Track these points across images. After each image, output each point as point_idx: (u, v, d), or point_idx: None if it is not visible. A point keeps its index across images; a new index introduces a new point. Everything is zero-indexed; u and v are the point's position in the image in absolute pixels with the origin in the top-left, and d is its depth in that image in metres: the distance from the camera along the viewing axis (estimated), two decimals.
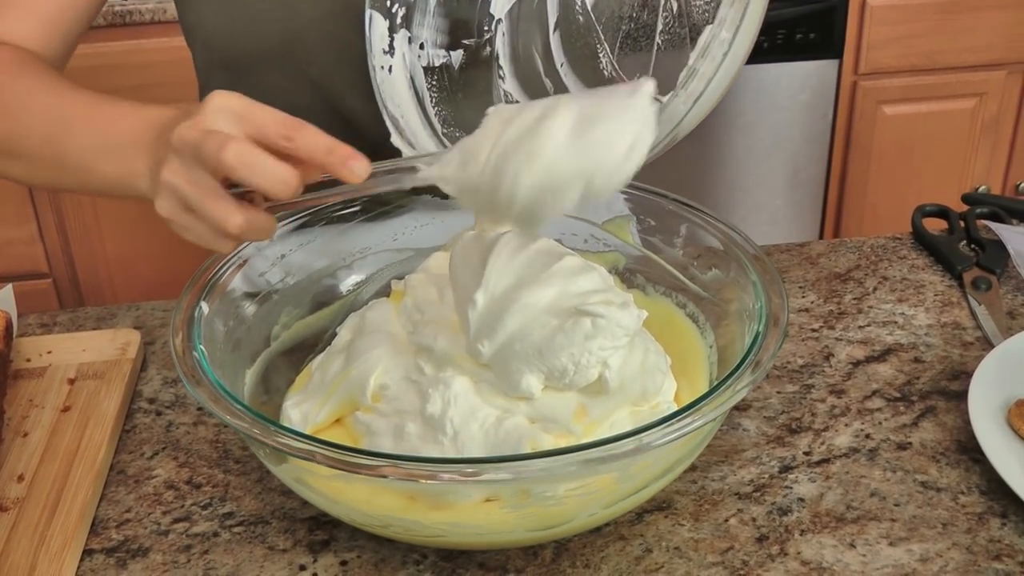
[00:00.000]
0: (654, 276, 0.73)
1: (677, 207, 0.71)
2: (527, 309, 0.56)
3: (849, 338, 0.79)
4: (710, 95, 0.56)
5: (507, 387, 0.58)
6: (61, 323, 0.85)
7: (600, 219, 0.75)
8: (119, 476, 0.69)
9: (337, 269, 0.75)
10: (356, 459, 0.49)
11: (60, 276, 2.03)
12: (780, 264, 0.89)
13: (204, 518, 0.65)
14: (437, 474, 0.48)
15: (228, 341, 0.65)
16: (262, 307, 0.69)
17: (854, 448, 0.68)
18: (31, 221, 1.96)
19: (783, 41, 1.95)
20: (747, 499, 0.64)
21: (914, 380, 0.74)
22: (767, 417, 0.71)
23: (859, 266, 0.88)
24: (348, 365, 0.62)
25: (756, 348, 0.56)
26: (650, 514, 0.63)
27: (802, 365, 0.77)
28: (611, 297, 0.57)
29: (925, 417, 0.71)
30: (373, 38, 0.67)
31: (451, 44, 0.70)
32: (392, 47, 0.68)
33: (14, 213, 1.94)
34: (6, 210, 1.93)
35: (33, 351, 0.78)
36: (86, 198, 1.95)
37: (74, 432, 0.70)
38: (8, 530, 0.62)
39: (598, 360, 0.57)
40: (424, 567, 0.60)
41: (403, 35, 0.68)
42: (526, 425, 0.56)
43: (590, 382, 0.58)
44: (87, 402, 0.72)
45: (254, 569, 0.61)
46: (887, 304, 0.83)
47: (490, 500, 0.54)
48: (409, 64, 0.68)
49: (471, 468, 0.48)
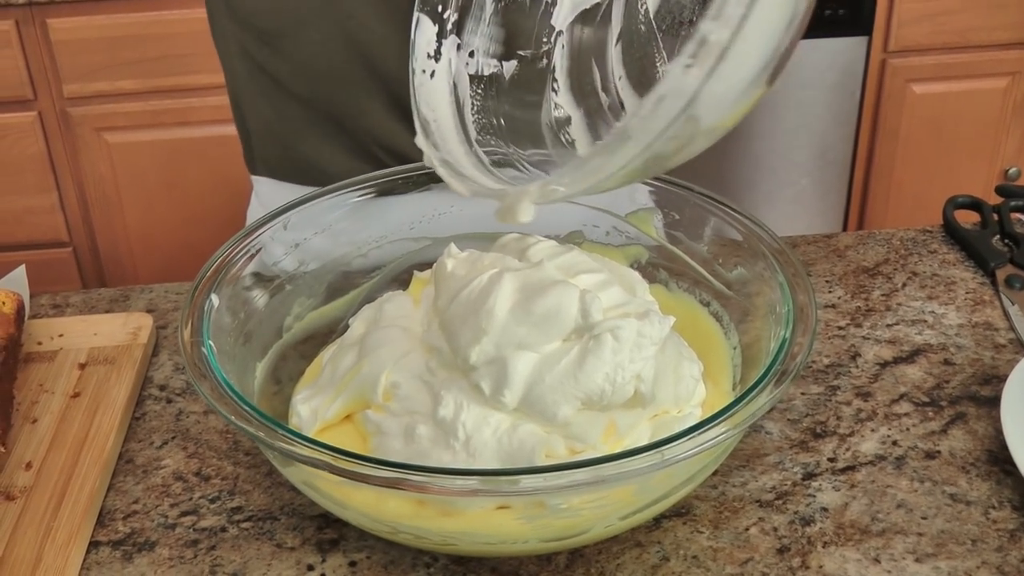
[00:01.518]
0: (677, 271, 0.71)
1: (703, 201, 0.68)
2: (538, 345, 0.55)
3: (877, 337, 0.77)
4: (732, 72, 0.45)
5: (542, 421, 0.55)
6: (74, 304, 0.84)
7: (623, 211, 0.73)
8: (127, 466, 0.67)
9: (352, 258, 0.73)
10: (365, 469, 0.47)
11: (80, 246, 2.03)
12: (806, 256, 0.87)
13: (212, 512, 0.64)
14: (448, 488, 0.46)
15: (239, 333, 0.63)
16: (274, 298, 0.68)
17: (880, 455, 0.66)
18: (52, 190, 1.95)
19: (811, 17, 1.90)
20: (769, 507, 0.63)
21: (943, 384, 0.72)
22: (791, 420, 0.69)
23: (888, 260, 0.86)
24: (360, 360, 0.61)
25: (783, 356, 0.54)
26: (668, 520, 0.62)
27: (828, 365, 0.74)
28: (629, 309, 0.55)
29: (955, 424, 0.69)
30: (419, 42, 0.64)
31: (505, 54, 0.67)
32: (438, 53, 0.65)
33: (35, 182, 1.93)
34: (27, 179, 1.92)
35: (44, 334, 0.77)
36: (108, 170, 1.94)
37: (83, 419, 0.69)
38: (15, 520, 0.61)
39: (632, 375, 0.55)
40: (435, 570, 0.59)
41: (452, 41, 0.65)
42: (540, 432, 0.55)
43: (627, 398, 0.56)
44: (97, 388, 0.71)
45: (261, 567, 0.60)
46: (916, 301, 0.81)
47: (502, 508, 0.52)
48: (454, 71, 0.65)
49: (482, 484, 0.46)
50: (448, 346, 0.57)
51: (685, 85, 0.44)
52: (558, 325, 0.55)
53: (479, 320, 0.55)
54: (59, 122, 1.90)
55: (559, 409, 0.54)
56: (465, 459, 0.54)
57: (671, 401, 0.58)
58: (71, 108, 1.88)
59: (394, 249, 0.74)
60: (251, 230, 0.67)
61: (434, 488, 0.47)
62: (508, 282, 0.56)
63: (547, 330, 0.55)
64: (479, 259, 0.61)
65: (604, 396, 0.54)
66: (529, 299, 0.55)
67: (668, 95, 0.44)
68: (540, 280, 0.57)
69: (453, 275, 0.60)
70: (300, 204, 0.70)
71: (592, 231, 0.74)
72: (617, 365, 0.54)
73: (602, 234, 0.74)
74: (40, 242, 1.98)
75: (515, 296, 0.56)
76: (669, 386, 0.57)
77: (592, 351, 0.54)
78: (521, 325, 0.55)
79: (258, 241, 0.67)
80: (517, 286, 0.56)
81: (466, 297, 0.57)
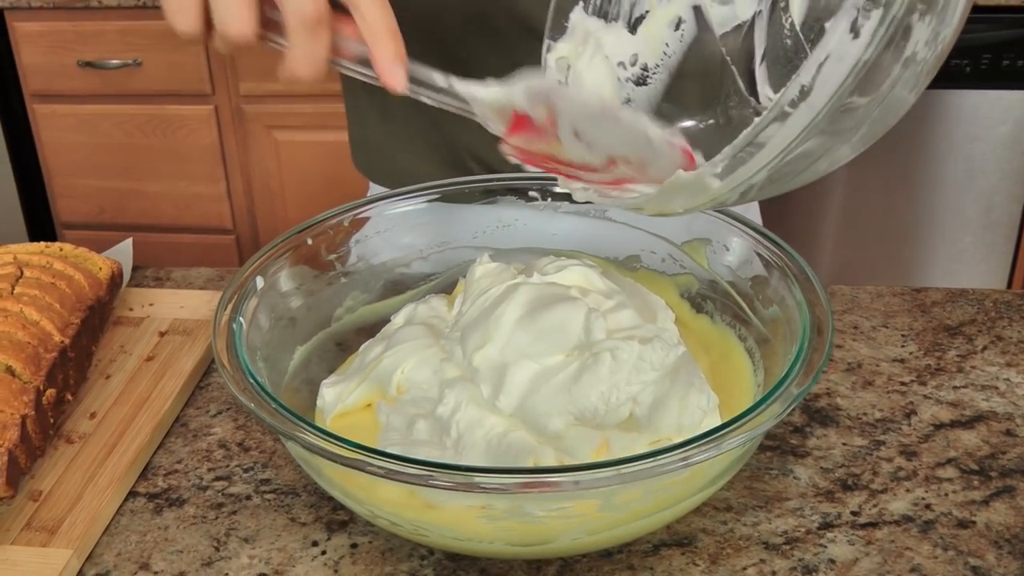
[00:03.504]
0: (721, 304, 0.70)
1: (752, 235, 0.68)
2: (539, 357, 0.56)
3: (939, 397, 0.73)
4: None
5: (534, 430, 0.57)
6: (174, 279, 0.91)
7: (680, 239, 0.73)
8: (181, 428, 0.73)
9: (413, 260, 0.76)
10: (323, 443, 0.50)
11: (243, 234, 2.16)
12: (887, 308, 0.84)
13: (243, 480, 0.68)
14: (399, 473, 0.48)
15: (283, 316, 0.67)
16: (329, 287, 0.72)
17: (908, 516, 0.64)
18: (221, 180, 2.10)
19: (987, 67, 1.81)
20: (774, 550, 0.61)
21: (999, 454, 0.68)
22: (824, 468, 0.68)
23: (974, 321, 0.82)
24: (383, 353, 0.63)
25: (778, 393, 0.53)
26: (668, 548, 0.61)
27: (878, 419, 0.72)
28: (636, 333, 0.56)
29: (1000, 497, 0.65)
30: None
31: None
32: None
33: (206, 172, 2.08)
34: (199, 168, 2.07)
35: (136, 301, 0.84)
36: (274, 165, 2.07)
37: (150, 381, 0.74)
38: (69, 461, 0.67)
39: (628, 396, 0.56)
40: (428, 563, 0.61)
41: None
42: (531, 441, 0.56)
43: (621, 420, 0.57)
44: (170, 355, 0.77)
45: (271, 536, 0.63)
46: (993, 367, 0.76)
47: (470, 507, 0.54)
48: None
49: (421, 471, 0.48)
50: (459, 348, 0.59)
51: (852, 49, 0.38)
52: (561, 339, 0.56)
53: (488, 326, 0.57)
54: (233, 117, 2.03)
55: (551, 420, 0.55)
56: (452, 456, 0.56)
57: (673, 429, 0.57)
58: (245, 105, 2.02)
59: (455, 256, 0.77)
60: (315, 222, 0.71)
61: (377, 470, 0.49)
62: (521, 294, 0.58)
63: (550, 343, 0.56)
64: (505, 270, 0.62)
65: (597, 414, 0.55)
66: (536, 311, 0.57)
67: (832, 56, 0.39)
68: (552, 295, 0.58)
69: (478, 283, 0.62)
70: (369, 203, 0.74)
71: (649, 257, 0.75)
72: (613, 385, 0.55)
73: (658, 260, 0.74)
74: (205, 227, 2.13)
75: (525, 307, 0.57)
76: (672, 414, 0.57)
77: (589, 368, 0.55)
78: (526, 335, 0.56)
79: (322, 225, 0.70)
80: (529, 298, 0.58)
81: (481, 303, 0.59)
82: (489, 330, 0.57)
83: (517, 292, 0.58)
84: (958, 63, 1.80)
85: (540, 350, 0.56)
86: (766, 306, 0.66)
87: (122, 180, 2.11)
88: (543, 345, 0.56)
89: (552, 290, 0.59)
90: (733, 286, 0.69)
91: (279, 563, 0.61)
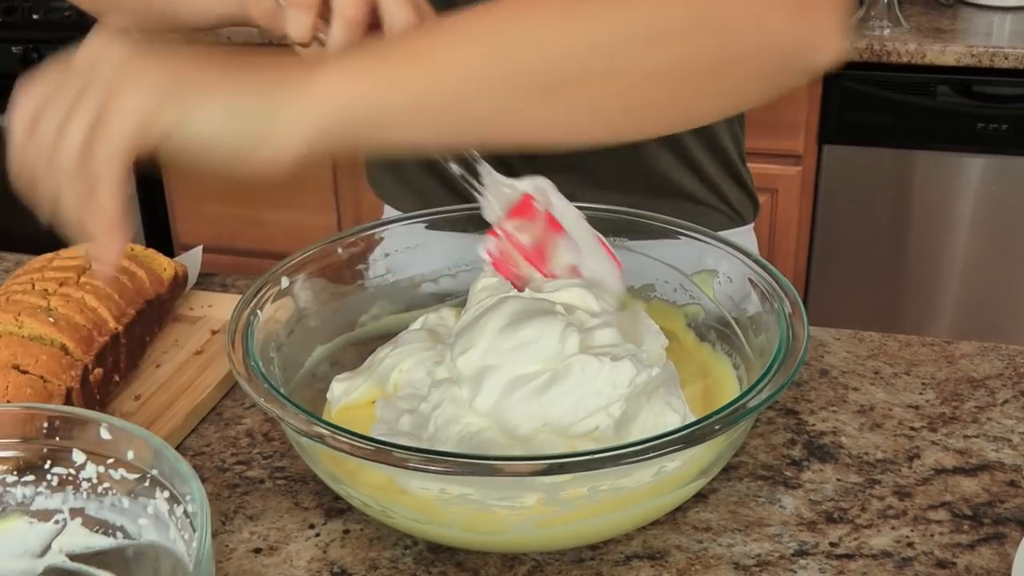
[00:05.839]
0: (722, 334, 0.72)
1: (753, 267, 0.70)
2: (516, 364, 0.59)
3: (947, 444, 0.73)
4: None
5: (505, 433, 0.60)
6: (238, 287, 0.98)
7: (690, 270, 0.76)
8: (215, 417, 0.79)
9: (441, 276, 0.81)
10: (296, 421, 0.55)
11: None
12: (914, 357, 0.84)
13: (260, 466, 0.73)
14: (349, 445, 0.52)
15: (308, 316, 0.73)
16: (356, 295, 0.77)
17: (887, 552, 0.64)
18: (332, 211, 2.20)
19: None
20: (743, 571, 0.63)
21: (997, 503, 0.68)
22: (812, 500, 0.68)
23: (1000, 375, 0.81)
24: (388, 353, 0.68)
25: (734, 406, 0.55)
26: (639, 559, 0.63)
27: (879, 459, 0.72)
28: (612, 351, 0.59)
29: (987, 542, 0.65)
30: None
31: None
32: None
33: (318, 202, 2.19)
34: (311, 199, 2.19)
35: (198, 303, 0.91)
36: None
37: (194, 372, 0.81)
38: None
39: (595, 408, 0.59)
40: (410, 553, 0.65)
41: None
42: (501, 441, 0.59)
43: (589, 431, 0.60)
44: (217, 351, 0.84)
45: (274, 517, 0.68)
46: (1009, 420, 0.76)
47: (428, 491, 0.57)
48: None
49: (363, 445, 0.52)
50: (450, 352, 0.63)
51: None
52: (536, 350, 0.60)
53: (473, 333, 0.61)
54: None
55: (521, 424, 0.59)
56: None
57: None
58: None
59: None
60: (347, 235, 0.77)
61: (333, 441, 0.53)
62: (508, 305, 0.62)
63: (526, 352, 0.60)
64: (504, 284, 0.66)
65: (563, 422, 0.58)
66: (518, 322, 0.61)
67: None
68: (535, 309, 0.62)
69: (478, 295, 0.67)
70: (400, 220, 0.79)
71: (663, 286, 0.77)
72: (580, 397, 0.58)
73: (671, 290, 0.77)
74: None
75: (508, 318, 0.61)
76: (640, 430, 0.59)
77: (559, 378, 0.58)
78: (505, 344, 0.60)
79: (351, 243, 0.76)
80: (514, 310, 0.62)
81: (473, 312, 0.63)
82: (474, 336, 0.61)
83: (505, 303, 0.62)
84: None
85: (517, 358, 0.60)
86: (756, 335, 0.68)
87: (241, 207, 2.24)
88: (520, 354, 0.60)
89: (537, 304, 0.63)
90: (732, 315, 0.71)
91: (275, 540, 0.66)
